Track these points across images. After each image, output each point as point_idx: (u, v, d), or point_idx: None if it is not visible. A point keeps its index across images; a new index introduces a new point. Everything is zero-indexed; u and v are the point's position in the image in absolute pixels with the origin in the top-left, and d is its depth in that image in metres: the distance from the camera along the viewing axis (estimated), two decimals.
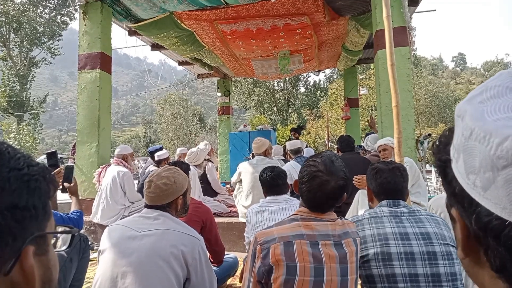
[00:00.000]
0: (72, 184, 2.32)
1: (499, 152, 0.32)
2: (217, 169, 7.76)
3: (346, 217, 2.75)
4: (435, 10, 6.91)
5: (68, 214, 2.31)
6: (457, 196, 0.39)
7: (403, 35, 4.27)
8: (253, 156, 4.33)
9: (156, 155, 5.14)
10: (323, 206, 1.36)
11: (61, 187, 2.34)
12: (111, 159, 4.66)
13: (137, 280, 1.43)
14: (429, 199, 3.87)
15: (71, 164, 2.35)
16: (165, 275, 1.46)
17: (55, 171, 2.31)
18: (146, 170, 5.17)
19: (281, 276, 1.23)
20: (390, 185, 1.62)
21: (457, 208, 0.41)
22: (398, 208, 1.59)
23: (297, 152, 4.79)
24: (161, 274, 1.46)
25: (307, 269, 1.24)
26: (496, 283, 0.36)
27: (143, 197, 4.63)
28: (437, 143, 0.46)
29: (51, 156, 2.35)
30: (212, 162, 5.46)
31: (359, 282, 1.58)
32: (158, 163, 5.09)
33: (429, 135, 4.41)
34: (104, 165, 4.55)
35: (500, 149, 0.32)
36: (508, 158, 0.31)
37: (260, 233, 1.33)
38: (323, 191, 1.31)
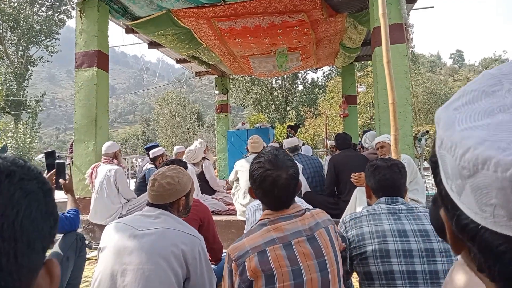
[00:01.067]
0: (67, 181, 2.32)
1: (463, 163, 0.33)
2: (214, 167, 7.76)
3: (344, 215, 2.75)
4: (432, 7, 6.91)
5: (64, 213, 2.30)
6: (442, 198, 0.40)
7: (400, 32, 4.26)
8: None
9: (150, 152, 5.13)
10: (285, 201, 1.34)
11: (55, 185, 2.33)
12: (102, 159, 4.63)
13: (136, 278, 1.43)
14: (427, 196, 3.88)
15: (62, 160, 2.34)
16: (165, 274, 1.46)
17: (53, 171, 2.29)
18: (143, 168, 5.16)
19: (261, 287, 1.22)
20: (389, 182, 1.62)
21: (443, 209, 0.42)
22: (396, 205, 1.59)
23: (294, 150, 4.79)
24: (161, 272, 1.46)
25: (285, 274, 1.22)
26: (487, 279, 0.37)
27: (142, 195, 4.60)
28: (433, 142, 0.46)
29: (49, 155, 2.35)
30: (208, 160, 5.47)
31: (357, 279, 1.59)
32: (154, 160, 5.08)
33: (427, 132, 4.42)
34: (94, 165, 4.49)
35: (463, 160, 0.33)
36: (470, 169, 0.32)
37: (232, 249, 1.29)
38: (279, 187, 1.29)
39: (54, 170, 2.28)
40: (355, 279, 1.73)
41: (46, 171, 2.32)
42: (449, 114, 0.38)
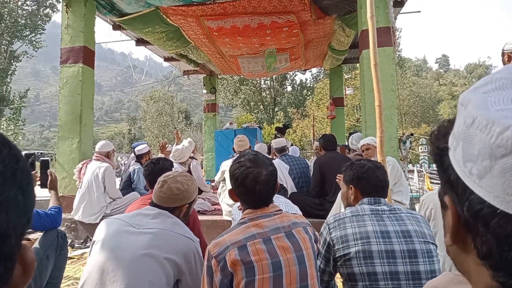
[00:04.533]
0: (54, 177, 2.30)
1: (499, 141, 0.33)
2: (201, 167, 7.73)
3: (329, 216, 2.77)
4: (419, 12, 7.01)
5: (46, 210, 2.25)
6: (451, 184, 0.41)
7: (387, 36, 4.31)
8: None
9: (136, 150, 5.06)
10: (265, 198, 1.39)
11: (39, 182, 2.30)
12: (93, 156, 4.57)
13: (128, 275, 1.43)
14: (410, 198, 3.93)
15: (47, 158, 2.32)
16: (156, 274, 1.47)
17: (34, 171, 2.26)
18: (129, 167, 5.09)
19: (242, 280, 1.23)
20: (371, 183, 1.63)
21: (450, 195, 0.42)
22: (379, 206, 1.60)
23: (282, 150, 4.80)
24: (152, 272, 1.47)
25: (265, 266, 1.25)
26: (481, 270, 0.38)
27: (127, 195, 4.52)
28: (436, 132, 0.47)
29: (28, 158, 2.32)
30: (196, 159, 5.43)
31: (341, 280, 1.59)
32: (139, 158, 5.00)
33: (412, 134, 4.49)
34: (84, 161, 4.45)
35: (501, 138, 0.33)
36: (508, 147, 0.32)
37: (213, 245, 1.31)
38: (260, 183, 1.34)
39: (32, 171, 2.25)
40: (339, 280, 1.74)
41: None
42: (479, 96, 0.38)
